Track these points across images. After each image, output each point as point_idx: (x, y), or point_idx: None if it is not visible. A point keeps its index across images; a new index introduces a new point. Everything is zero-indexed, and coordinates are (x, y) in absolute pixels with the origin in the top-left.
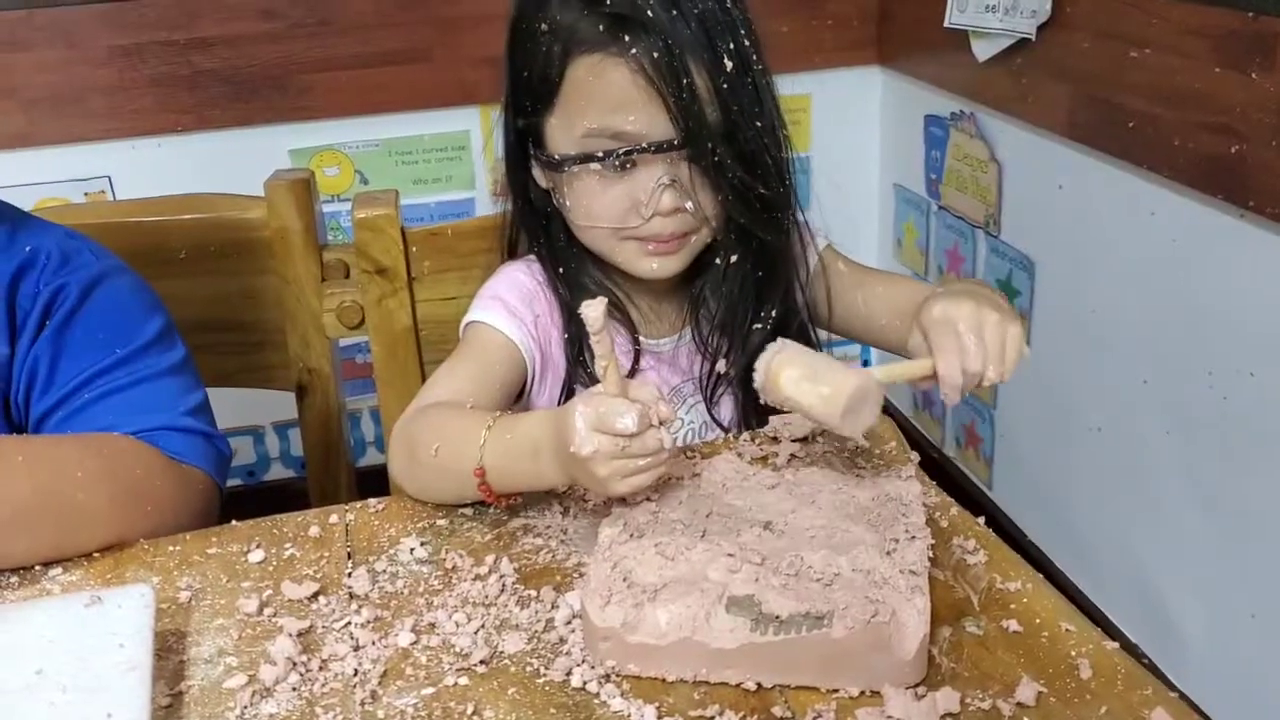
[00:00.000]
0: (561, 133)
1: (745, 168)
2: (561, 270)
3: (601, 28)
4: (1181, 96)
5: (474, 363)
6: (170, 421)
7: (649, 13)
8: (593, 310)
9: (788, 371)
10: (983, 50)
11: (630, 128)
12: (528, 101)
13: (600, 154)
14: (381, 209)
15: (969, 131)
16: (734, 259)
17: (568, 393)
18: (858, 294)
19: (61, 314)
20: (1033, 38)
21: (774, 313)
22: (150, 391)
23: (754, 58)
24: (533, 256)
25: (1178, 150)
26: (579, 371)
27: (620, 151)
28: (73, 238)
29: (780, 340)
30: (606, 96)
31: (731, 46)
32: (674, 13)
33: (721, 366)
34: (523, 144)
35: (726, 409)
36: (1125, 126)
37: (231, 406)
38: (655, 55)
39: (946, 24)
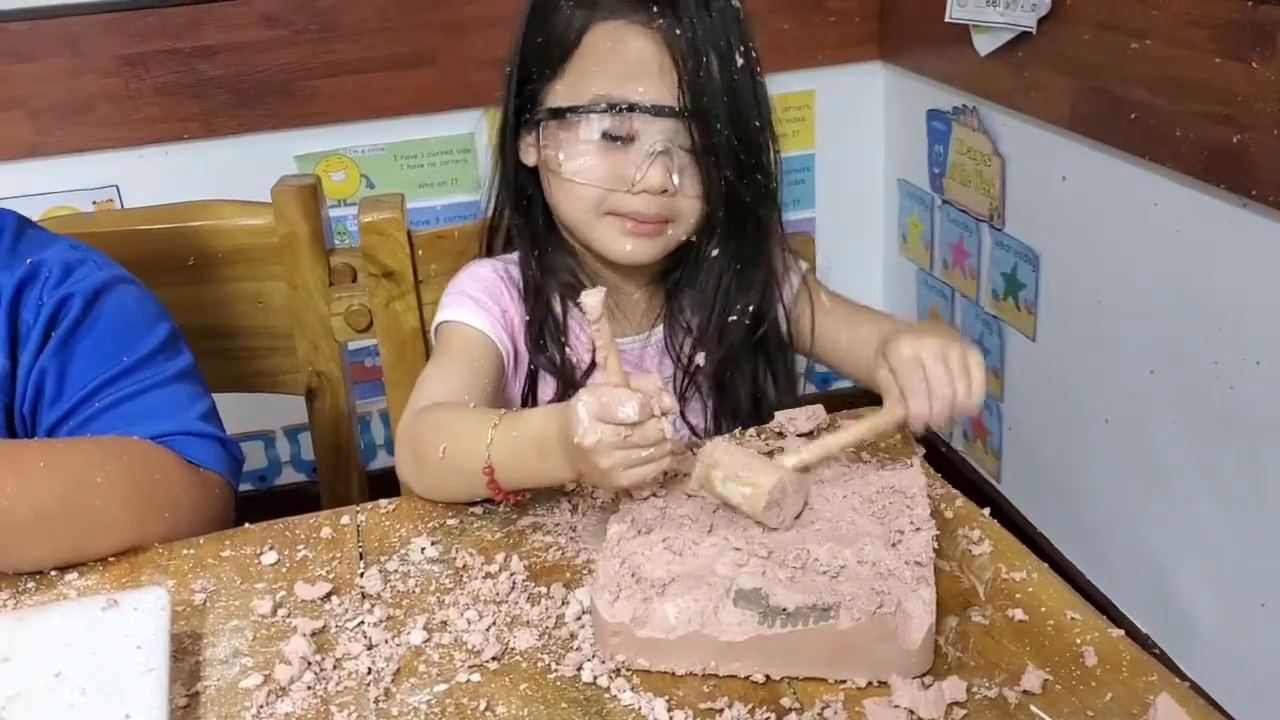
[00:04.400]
0: (566, 97)
1: (740, 154)
2: (536, 252)
3: None
4: (1183, 87)
5: (460, 361)
6: (186, 427)
7: None
8: (591, 298)
9: (715, 472)
10: (984, 44)
11: (638, 99)
12: (536, 67)
13: (603, 106)
14: (387, 213)
15: (971, 125)
16: (714, 252)
17: (530, 381)
18: (841, 331)
19: (67, 325)
20: (1033, 31)
21: (750, 308)
22: (160, 398)
23: (758, 70)
24: (497, 257)
25: (1180, 141)
26: (539, 357)
27: (623, 107)
28: (76, 249)
29: (713, 440)
30: (622, 63)
31: (741, 48)
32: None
33: (700, 359)
34: (519, 116)
35: (695, 413)
36: (1127, 118)
37: (242, 411)
38: (678, 31)
39: (948, 19)
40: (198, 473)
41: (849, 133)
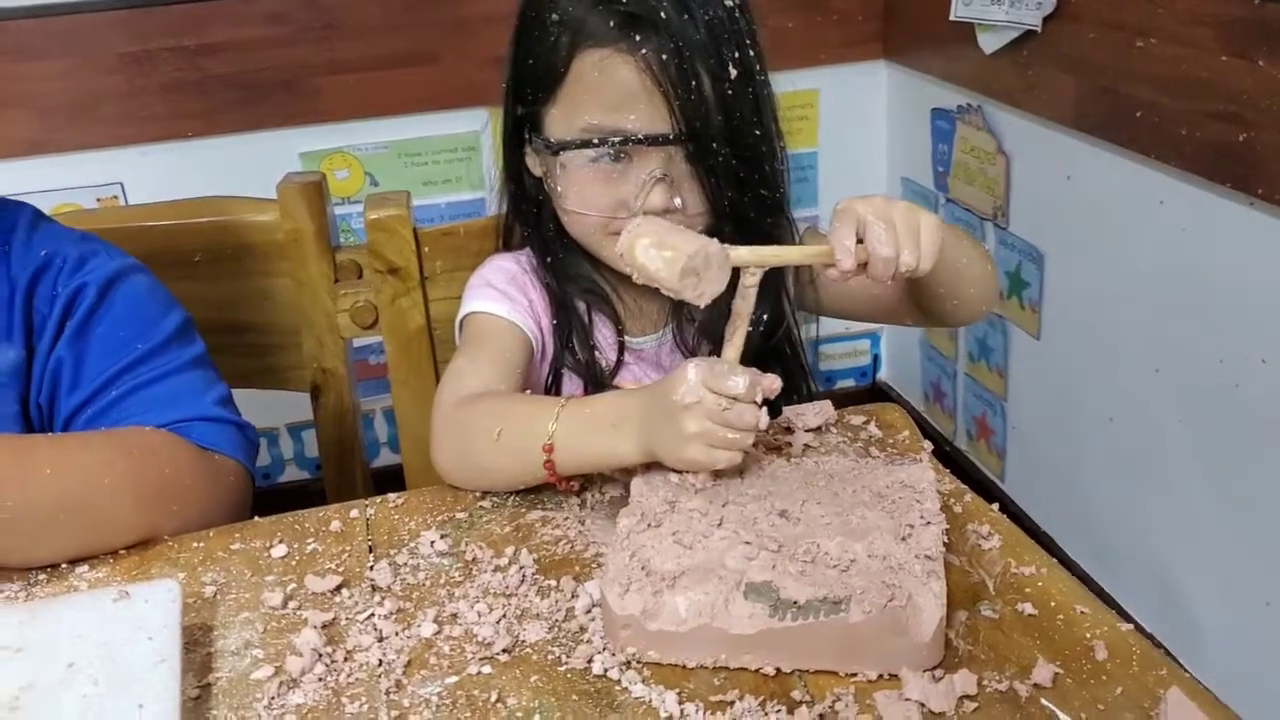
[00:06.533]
0: (561, 123)
1: (741, 171)
2: (549, 260)
3: (612, 23)
4: (1188, 85)
5: (492, 351)
6: (202, 412)
7: (661, 13)
8: (752, 276)
9: (641, 241)
10: (988, 43)
11: (630, 126)
12: (529, 90)
13: (595, 140)
14: (394, 209)
15: (976, 124)
16: None
17: (555, 375)
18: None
19: (81, 313)
20: (1038, 29)
21: (764, 317)
22: (177, 385)
23: (757, 69)
24: (519, 250)
25: (1185, 139)
26: (567, 356)
27: (616, 140)
28: (87, 240)
29: (643, 216)
30: (611, 92)
31: (737, 55)
32: (685, 16)
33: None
34: (520, 130)
35: None
36: (1132, 116)
37: (246, 408)
38: (664, 56)
39: (952, 17)
40: (212, 461)
41: (853, 131)
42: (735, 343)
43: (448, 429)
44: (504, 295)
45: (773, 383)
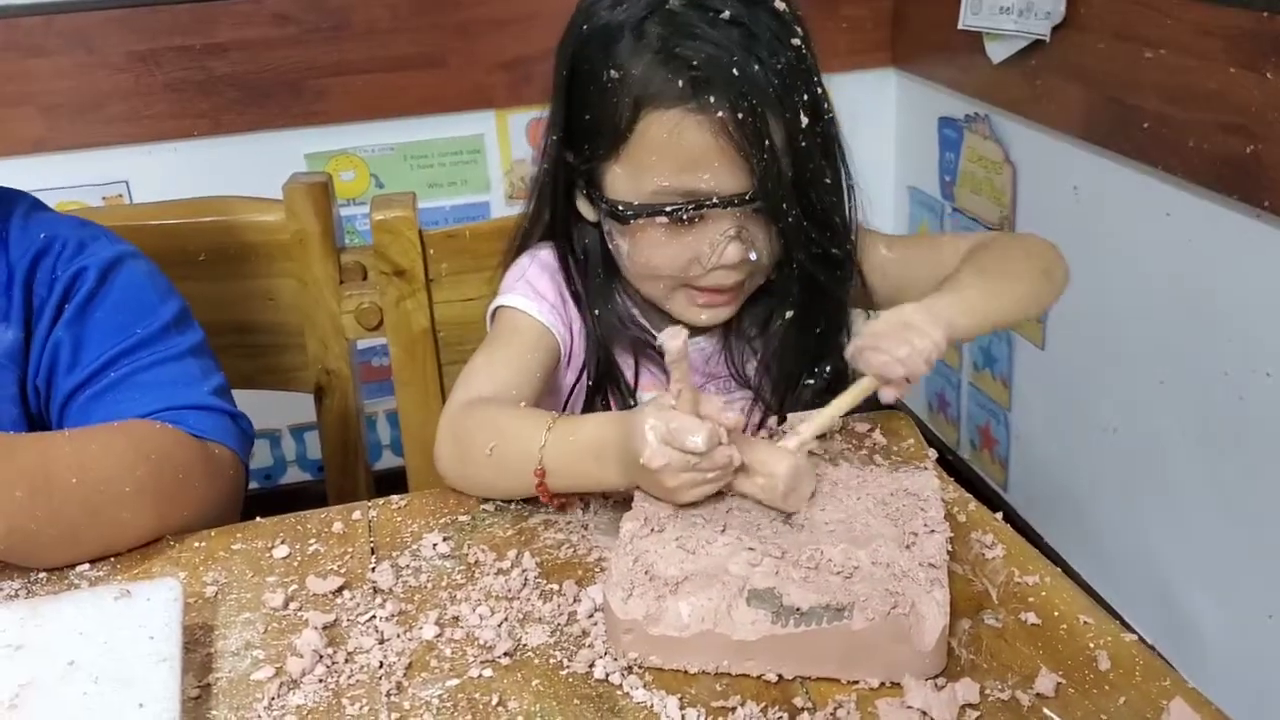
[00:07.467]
0: (627, 183)
1: (815, 225)
2: (597, 312)
3: (681, 83)
4: (1196, 97)
5: (511, 351)
6: (198, 401)
7: (734, 69)
8: (674, 340)
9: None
10: (997, 52)
11: (703, 186)
12: (585, 144)
13: (669, 208)
14: (399, 211)
15: (983, 133)
16: (789, 314)
17: (590, 373)
18: (921, 270)
19: (81, 296)
20: (1047, 39)
21: (828, 369)
22: (173, 371)
23: (825, 107)
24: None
25: (1193, 151)
26: (599, 401)
27: (691, 206)
28: (87, 225)
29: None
30: (682, 154)
31: (806, 97)
32: (756, 66)
33: (772, 423)
34: (570, 176)
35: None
36: (1140, 127)
37: (248, 410)
38: (740, 115)
39: (960, 26)
40: (213, 455)
41: (860, 139)
42: (683, 402)
43: (448, 434)
44: (540, 295)
45: (736, 421)
